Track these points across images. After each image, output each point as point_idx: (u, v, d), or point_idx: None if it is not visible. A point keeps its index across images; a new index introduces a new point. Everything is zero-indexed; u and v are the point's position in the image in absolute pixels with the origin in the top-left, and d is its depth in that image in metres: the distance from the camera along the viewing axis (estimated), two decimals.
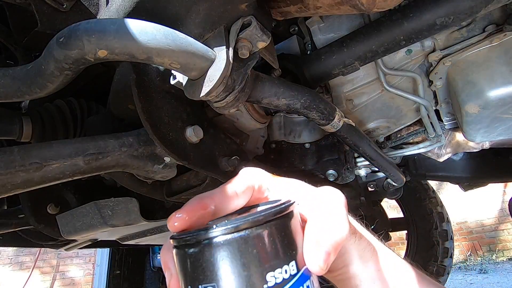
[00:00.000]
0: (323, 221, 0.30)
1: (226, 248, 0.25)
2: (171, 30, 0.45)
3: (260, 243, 0.25)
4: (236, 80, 0.54)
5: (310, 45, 0.94)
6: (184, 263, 0.27)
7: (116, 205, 0.79)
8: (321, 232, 0.29)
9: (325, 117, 0.76)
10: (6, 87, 0.43)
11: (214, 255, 0.25)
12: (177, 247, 0.27)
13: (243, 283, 0.25)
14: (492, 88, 0.84)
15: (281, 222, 0.27)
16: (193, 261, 0.26)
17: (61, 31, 0.41)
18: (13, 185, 0.52)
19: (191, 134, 0.65)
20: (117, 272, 6.05)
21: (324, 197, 0.33)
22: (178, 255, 0.27)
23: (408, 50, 0.92)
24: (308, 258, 0.28)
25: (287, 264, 0.26)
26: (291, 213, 0.29)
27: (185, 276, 0.27)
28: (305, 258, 0.28)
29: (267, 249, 0.26)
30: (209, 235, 0.25)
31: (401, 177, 1.26)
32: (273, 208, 0.27)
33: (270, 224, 0.26)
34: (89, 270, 5.58)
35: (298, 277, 0.26)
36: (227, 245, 0.25)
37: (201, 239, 0.26)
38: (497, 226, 5.21)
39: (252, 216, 0.26)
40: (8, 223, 1.07)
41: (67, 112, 0.84)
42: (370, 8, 0.54)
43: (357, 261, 0.37)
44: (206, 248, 0.25)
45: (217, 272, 0.25)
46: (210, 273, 0.25)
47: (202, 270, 0.25)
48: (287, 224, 0.28)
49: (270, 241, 0.26)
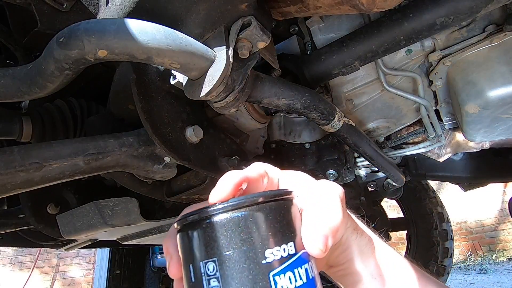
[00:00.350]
0: (319, 208, 0.31)
1: (226, 225, 0.26)
2: (171, 30, 0.45)
3: (259, 222, 0.27)
4: (236, 80, 0.54)
5: (310, 45, 0.94)
6: (186, 242, 0.28)
7: (116, 205, 0.79)
8: (317, 217, 0.31)
9: (325, 117, 0.76)
10: (6, 87, 0.43)
11: (215, 232, 0.26)
12: (180, 228, 0.29)
13: (242, 258, 0.26)
14: (492, 88, 0.84)
15: (279, 204, 0.29)
16: (195, 239, 0.27)
17: (61, 31, 0.41)
18: (13, 185, 0.52)
19: (191, 134, 0.65)
20: (117, 272, 6.05)
21: (320, 188, 0.34)
22: (181, 236, 0.29)
23: (408, 50, 0.92)
24: (306, 241, 0.29)
25: (285, 244, 0.27)
26: (290, 199, 0.30)
27: (187, 255, 0.28)
28: (304, 242, 0.29)
29: (265, 228, 0.27)
30: (209, 214, 0.27)
31: (401, 177, 1.26)
32: (273, 192, 0.29)
33: (269, 205, 0.28)
34: (89, 270, 5.58)
35: (297, 258, 0.27)
36: (227, 223, 0.26)
37: (202, 218, 0.27)
38: (497, 226, 5.21)
39: (252, 196, 0.27)
40: (8, 223, 1.07)
41: (67, 112, 0.84)
42: (370, 8, 0.54)
43: (358, 257, 0.37)
44: (207, 226, 0.27)
45: (217, 248, 0.26)
46: (211, 249, 0.26)
47: (203, 247, 0.27)
48: (285, 207, 0.29)
49: (268, 221, 0.27)
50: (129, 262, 7.04)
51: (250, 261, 0.26)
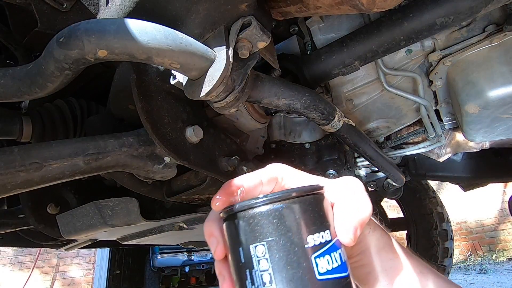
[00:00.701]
0: (351, 202, 0.36)
1: (273, 214, 0.31)
2: (171, 30, 0.45)
3: (300, 212, 0.31)
4: (236, 80, 0.54)
5: (310, 45, 0.94)
6: (236, 229, 0.32)
7: (116, 205, 0.79)
8: (350, 210, 0.35)
9: (325, 117, 0.76)
10: (6, 87, 0.43)
11: (263, 220, 0.31)
12: (229, 216, 0.33)
13: (288, 242, 0.30)
14: (492, 88, 0.84)
15: (316, 197, 0.33)
16: (245, 226, 0.31)
17: (61, 31, 0.41)
18: (13, 185, 0.52)
19: (191, 134, 0.65)
20: (117, 272, 6.06)
21: (347, 184, 0.38)
22: (230, 223, 0.32)
23: (408, 50, 0.92)
24: (339, 231, 0.33)
25: (323, 231, 0.32)
26: (323, 193, 0.34)
27: (236, 240, 0.32)
28: (337, 231, 0.33)
29: (306, 217, 0.31)
30: (258, 204, 0.31)
31: (401, 177, 1.26)
32: (310, 187, 0.33)
33: (308, 198, 0.32)
34: (89, 270, 5.58)
35: (331, 245, 0.32)
36: (274, 212, 0.31)
37: (251, 207, 0.31)
38: (497, 226, 5.21)
39: (293, 190, 0.32)
40: (8, 223, 1.07)
41: (67, 112, 0.84)
42: (370, 8, 0.54)
43: (370, 250, 0.41)
44: (256, 215, 0.31)
45: (266, 234, 0.30)
46: (260, 235, 0.30)
47: (253, 232, 0.31)
48: (320, 200, 0.34)
49: (308, 211, 0.32)
50: (129, 262, 7.04)
51: (294, 245, 0.30)
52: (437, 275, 0.42)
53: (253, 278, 0.30)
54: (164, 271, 7.31)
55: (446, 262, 2.25)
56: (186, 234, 1.08)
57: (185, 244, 1.34)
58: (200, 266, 7.41)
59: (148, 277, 7.45)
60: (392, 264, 0.41)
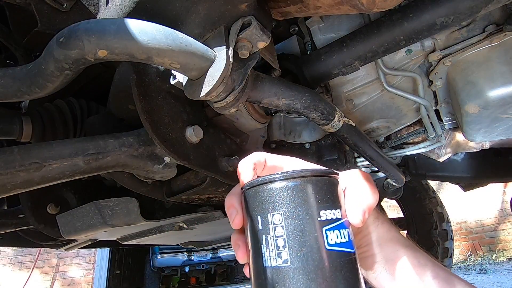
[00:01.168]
0: (361, 189, 0.40)
1: (292, 188, 0.35)
2: (171, 30, 0.45)
3: (317, 189, 0.35)
4: (236, 80, 0.54)
5: (310, 45, 0.94)
6: (257, 199, 0.36)
7: (116, 205, 0.79)
8: (360, 196, 0.39)
9: (325, 117, 0.76)
10: (6, 87, 0.43)
11: (283, 193, 0.35)
12: (250, 187, 0.37)
13: (302, 213, 0.34)
14: (492, 88, 0.84)
15: (333, 179, 0.37)
16: (266, 197, 0.35)
17: (61, 31, 0.41)
18: (13, 185, 0.52)
19: (191, 134, 0.65)
20: (117, 272, 6.06)
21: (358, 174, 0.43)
22: (252, 195, 0.37)
23: (408, 50, 0.92)
24: (350, 212, 0.38)
25: (334, 210, 0.35)
26: (338, 178, 0.39)
27: (256, 209, 0.36)
28: (348, 212, 0.37)
29: (321, 194, 0.35)
30: (278, 179, 0.35)
31: (401, 177, 1.25)
32: (327, 170, 0.38)
33: (324, 178, 0.37)
34: (89, 270, 5.58)
35: (341, 223, 0.35)
36: (293, 187, 0.35)
37: (272, 181, 0.35)
38: (497, 226, 5.21)
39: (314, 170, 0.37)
40: (8, 223, 1.07)
41: (67, 112, 0.84)
42: (370, 8, 0.54)
43: (376, 242, 0.45)
44: (278, 188, 0.35)
45: (283, 204, 0.34)
46: (278, 205, 0.34)
47: (272, 203, 0.35)
48: (336, 183, 0.38)
49: (323, 190, 0.36)
50: (129, 262, 7.05)
51: (308, 216, 0.34)
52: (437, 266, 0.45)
53: (268, 242, 0.34)
54: (164, 271, 7.31)
55: (446, 262, 2.25)
56: (186, 234, 1.08)
57: (185, 244, 1.34)
58: (200, 266, 7.41)
59: (148, 277, 7.45)
60: (395, 256, 0.44)
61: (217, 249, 7.29)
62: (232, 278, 8.62)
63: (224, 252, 7.45)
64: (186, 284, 8.43)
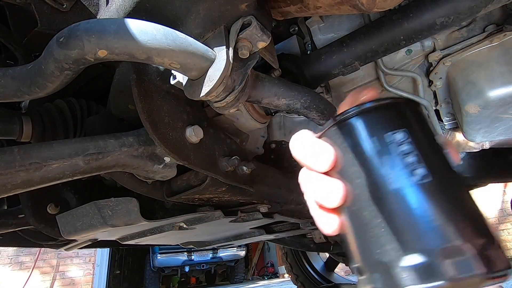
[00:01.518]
0: None
1: (413, 108, 0.35)
2: (171, 30, 0.45)
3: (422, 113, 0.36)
4: (236, 80, 0.54)
5: (310, 45, 0.94)
6: (372, 120, 0.33)
7: (116, 205, 0.79)
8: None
9: (325, 117, 0.76)
10: (6, 87, 0.43)
11: (404, 112, 0.34)
12: (365, 111, 0.34)
13: (427, 131, 0.34)
14: (492, 88, 0.84)
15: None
16: (384, 116, 0.33)
17: (61, 31, 0.41)
18: (13, 185, 0.52)
19: (191, 134, 0.65)
20: (117, 272, 6.06)
21: None
22: (366, 116, 0.33)
23: (408, 50, 0.92)
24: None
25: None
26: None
27: (372, 132, 0.33)
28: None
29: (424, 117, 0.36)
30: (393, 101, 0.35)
31: None
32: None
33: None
34: (89, 270, 5.58)
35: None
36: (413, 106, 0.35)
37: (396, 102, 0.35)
38: (497, 226, 5.21)
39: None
40: (8, 223, 1.07)
41: (67, 112, 0.84)
42: (370, 8, 0.54)
43: None
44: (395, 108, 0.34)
45: (406, 123, 0.33)
46: (400, 124, 0.32)
47: (392, 122, 0.33)
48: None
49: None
50: (129, 262, 7.05)
51: (432, 134, 0.34)
52: None
53: (396, 162, 0.30)
54: (164, 271, 7.32)
55: None
56: (186, 234, 1.08)
57: (185, 244, 1.34)
58: (200, 266, 7.42)
59: (148, 277, 7.46)
60: None
61: (217, 249, 7.30)
62: (232, 278, 8.63)
63: (224, 252, 7.46)
64: (186, 284, 8.42)
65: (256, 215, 0.97)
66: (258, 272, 10.44)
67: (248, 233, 1.23)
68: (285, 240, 2.08)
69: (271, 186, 0.92)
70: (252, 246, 11.02)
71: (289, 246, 2.16)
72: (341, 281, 2.72)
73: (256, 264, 10.76)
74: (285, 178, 0.97)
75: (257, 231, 1.22)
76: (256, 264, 10.76)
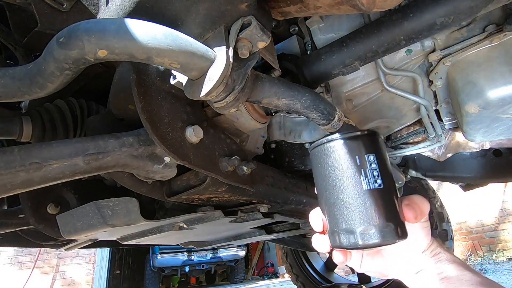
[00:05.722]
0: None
1: (380, 140, 0.57)
2: (171, 30, 0.45)
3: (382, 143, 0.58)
4: (236, 80, 0.54)
5: (310, 45, 0.94)
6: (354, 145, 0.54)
7: (116, 205, 0.79)
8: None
9: (325, 117, 0.76)
10: (6, 87, 0.43)
11: (374, 142, 0.55)
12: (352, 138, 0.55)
13: (386, 155, 0.56)
14: (492, 88, 0.84)
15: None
16: (362, 144, 0.54)
17: (61, 31, 0.41)
18: (13, 185, 0.52)
19: (191, 134, 0.65)
20: (117, 272, 6.06)
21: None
22: (349, 144, 0.55)
23: (408, 50, 0.92)
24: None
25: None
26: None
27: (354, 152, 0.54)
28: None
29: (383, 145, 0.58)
30: (367, 133, 0.56)
31: (401, 177, 1.25)
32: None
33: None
34: (89, 270, 5.58)
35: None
36: (380, 139, 0.57)
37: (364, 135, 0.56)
38: (497, 226, 5.21)
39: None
40: (8, 223, 1.07)
41: (67, 112, 0.84)
42: (370, 8, 0.54)
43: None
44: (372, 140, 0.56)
45: (376, 148, 0.54)
46: (371, 149, 0.54)
47: (367, 147, 0.54)
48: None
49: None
50: (129, 262, 7.05)
51: (386, 158, 0.55)
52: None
53: (367, 173, 0.52)
54: (164, 271, 7.31)
55: None
56: (186, 234, 1.08)
57: (185, 244, 1.34)
58: (200, 266, 7.42)
59: (148, 277, 7.45)
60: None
61: (217, 249, 7.29)
62: (232, 278, 8.63)
63: (224, 252, 7.46)
64: (186, 284, 8.42)
65: (256, 215, 0.97)
66: (258, 272, 10.44)
67: (248, 233, 1.23)
68: (285, 240, 2.08)
69: (271, 186, 0.92)
70: (252, 246, 11.01)
71: (289, 246, 2.16)
72: (341, 281, 2.72)
73: (256, 264, 10.76)
74: (285, 178, 0.97)
75: (257, 231, 1.22)
76: (256, 264, 10.76)
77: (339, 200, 0.53)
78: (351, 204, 0.52)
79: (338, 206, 0.53)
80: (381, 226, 0.51)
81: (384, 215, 0.51)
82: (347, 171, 0.52)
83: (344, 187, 0.52)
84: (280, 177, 0.97)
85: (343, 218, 0.53)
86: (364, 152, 0.52)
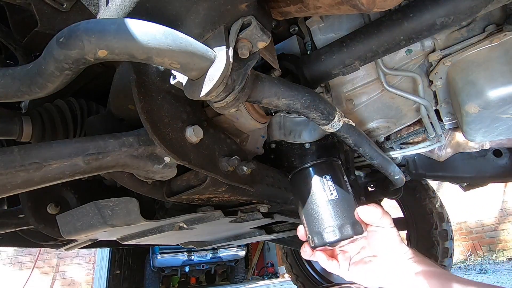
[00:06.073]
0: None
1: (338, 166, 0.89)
2: (171, 30, 0.45)
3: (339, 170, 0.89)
4: (236, 80, 0.54)
5: (310, 45, 0.94)
6: (319, 172, 0.83)
7: (116, 205, 0.79)
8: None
9: (325, 117, 0.76)
10: (6, 87, 0.43)
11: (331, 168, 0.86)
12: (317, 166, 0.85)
13: (342, 176, 0.87)
14: (492, 88, 0.84)
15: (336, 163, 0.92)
16: (323, 170, 0.84)
17: (61, 31, 0.41)
18: (13, 185, 0.52)
19: (191, 134, 0.65)
20: (117, 272, 6.06)
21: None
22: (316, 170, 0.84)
23: (408, 50, 0.92)
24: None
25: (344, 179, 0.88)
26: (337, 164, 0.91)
27: (320, 173, 0.83)
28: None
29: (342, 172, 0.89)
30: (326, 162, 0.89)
31: (401, 177, 1.25)
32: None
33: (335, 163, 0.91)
34: (89, 270, 5.58)
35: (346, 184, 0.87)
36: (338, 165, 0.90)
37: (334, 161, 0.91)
38: (497, 226, 5.21)
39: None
40: (8, 223, 1.07)
41: (67, 112, 0.84)
42: (370, 8, 0.54)
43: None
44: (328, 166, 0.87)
45: (332, 171, 0.85)
46: (328, 171, 0.85)
47: (324, 171, 0.84)
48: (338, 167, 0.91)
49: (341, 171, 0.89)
50: (129, 262, 7.05)
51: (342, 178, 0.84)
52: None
53: (325, 188, 0.78)
54: (164, 271, 7.31)
55: (446, 262, 2.24)
56: (186, 234, 1.08)
57: (185, 244, 1.34)
58: (200, 266, 7.42)
59: (148, 277, 7.45)
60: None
61: (217, 249, 7.29)
62: (232, 278, 8.63)
63: (224, 252, 7.46)
64: (186, 284, 8.41)
65: (256, 215, 0.97)
66: (258, 272, 10.44)
67: (248, 233, 1.23)
68: (285, 240, 2.07)
69: (271, 186, 0.92)
70: (252, 246, 11.01)
71: (289, 246, 2.16)
72: (341, 281, 2.72)
73: (256, 264, 10.76)
74: (285, 178, 0.97)
75: (257, 231, 1.22)
76: (256, 264, 10.76)
77: (310, 210, 0.77)
78: (317, 212, 0.76)
79: (310, 215, 0.77)
80: (339, 225, 0.72)
81: (341, 217, 0.73)
82: (313, 188, 0.79)
83: (312, 200, 0.77)
84: (280, 177, 0.97)
85: (314, 223, 0.76)
86: (322, 174, 0.81)
